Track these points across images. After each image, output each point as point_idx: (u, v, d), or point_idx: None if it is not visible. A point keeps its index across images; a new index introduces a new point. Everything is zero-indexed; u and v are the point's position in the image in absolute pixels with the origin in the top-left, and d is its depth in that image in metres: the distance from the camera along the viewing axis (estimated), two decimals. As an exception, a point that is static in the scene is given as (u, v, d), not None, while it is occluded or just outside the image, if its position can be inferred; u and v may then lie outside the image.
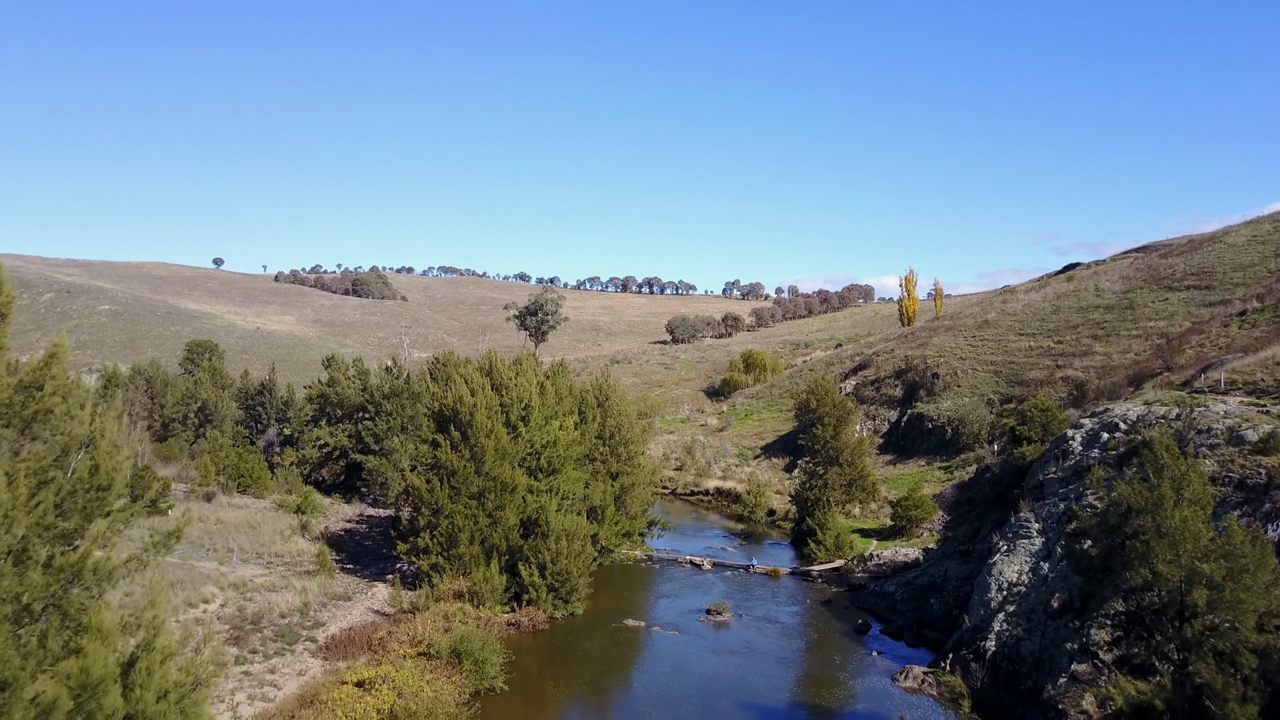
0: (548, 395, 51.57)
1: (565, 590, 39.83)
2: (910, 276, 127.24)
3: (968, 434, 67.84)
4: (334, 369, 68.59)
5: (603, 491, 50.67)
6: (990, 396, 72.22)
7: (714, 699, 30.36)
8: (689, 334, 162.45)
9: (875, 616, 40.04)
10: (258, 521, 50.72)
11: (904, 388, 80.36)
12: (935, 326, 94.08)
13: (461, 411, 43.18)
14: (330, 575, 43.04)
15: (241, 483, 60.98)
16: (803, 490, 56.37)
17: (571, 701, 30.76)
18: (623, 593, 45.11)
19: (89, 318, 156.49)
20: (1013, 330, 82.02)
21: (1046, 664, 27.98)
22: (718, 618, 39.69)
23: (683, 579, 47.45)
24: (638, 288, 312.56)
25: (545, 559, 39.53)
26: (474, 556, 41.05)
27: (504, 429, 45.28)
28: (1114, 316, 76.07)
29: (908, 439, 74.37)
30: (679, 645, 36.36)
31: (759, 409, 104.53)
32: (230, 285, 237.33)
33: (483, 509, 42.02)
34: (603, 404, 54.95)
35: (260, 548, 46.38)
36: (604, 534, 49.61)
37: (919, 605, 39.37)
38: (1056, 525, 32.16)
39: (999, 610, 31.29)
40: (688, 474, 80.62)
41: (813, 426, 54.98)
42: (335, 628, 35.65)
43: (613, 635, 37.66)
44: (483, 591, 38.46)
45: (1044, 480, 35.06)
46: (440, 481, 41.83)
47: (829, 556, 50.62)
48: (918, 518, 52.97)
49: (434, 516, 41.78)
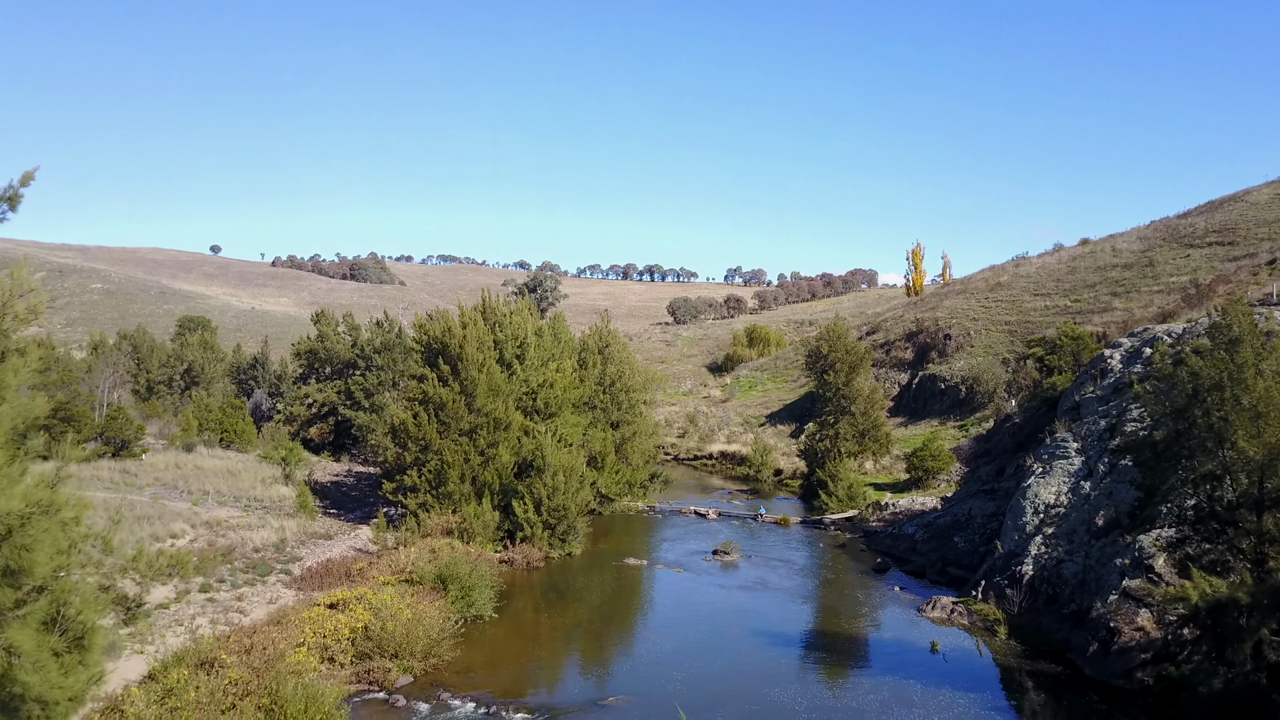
0: (545, 338, 48.88)
1: (562, 529, 37.15)
2: (918, 250, 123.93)
3: (983, 392, 65.17)
4: (323, 323, 65.87)
5: (603, 439, 48.02)
6: (1005, 355, 69.56)
7: (723, 626, 27.72)
8: (691, 315, 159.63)
9: (893, 559, 37.32)
10: (238, 469, 48.09)
11: (915, 350, 77.64)
12: (946, 291, 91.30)
13: (451, 343, 40.51)
14: (312, 516, 40.39)
15: (225, 438, 58.35)
16: (812, 442, 53.66)
17: (569, 629, 28.07)
18: (623, 538, 42.44)
19: (80, 296, 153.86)
20: (1027, 291, 79.22)
21: (1093, 583, 25.28)
22: (725, 557, 37.01)
23: (687, 526, 44.78)
24: (638, 275, 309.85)
25: (541, 494, 36.82)
26: (464, 495, 38.38)
27: (497, 366, 42.64)
28: (1133, 274, 73.26)
29: (919, 401, 71.68)
30: (684, 581, 33.69)
31: (763, 380, 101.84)
32: (226, 269, 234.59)
33: (474, 446, 39.35)
34: (603, 351, 52.27)
35: (239, 492, 43.70)
36: (604, 482, 46.95)
37: (941, 544, 36.67)
38: (1097, 443, 29.45)
39: (1035, 534, 28.59)
40: (690, 440, 77.88)
41: (824, 374, 52.22)
42: (313, 561, 33.00)
43: (613, 573, 34.99)
44: (474, 527, 35.77)
45: (1081, 401, 32.33)
46: (429, 416, 39.17)
47: (841, 507, 47.93)
48: (934, 468, 50.27)
49: (421, 453, 39.12)
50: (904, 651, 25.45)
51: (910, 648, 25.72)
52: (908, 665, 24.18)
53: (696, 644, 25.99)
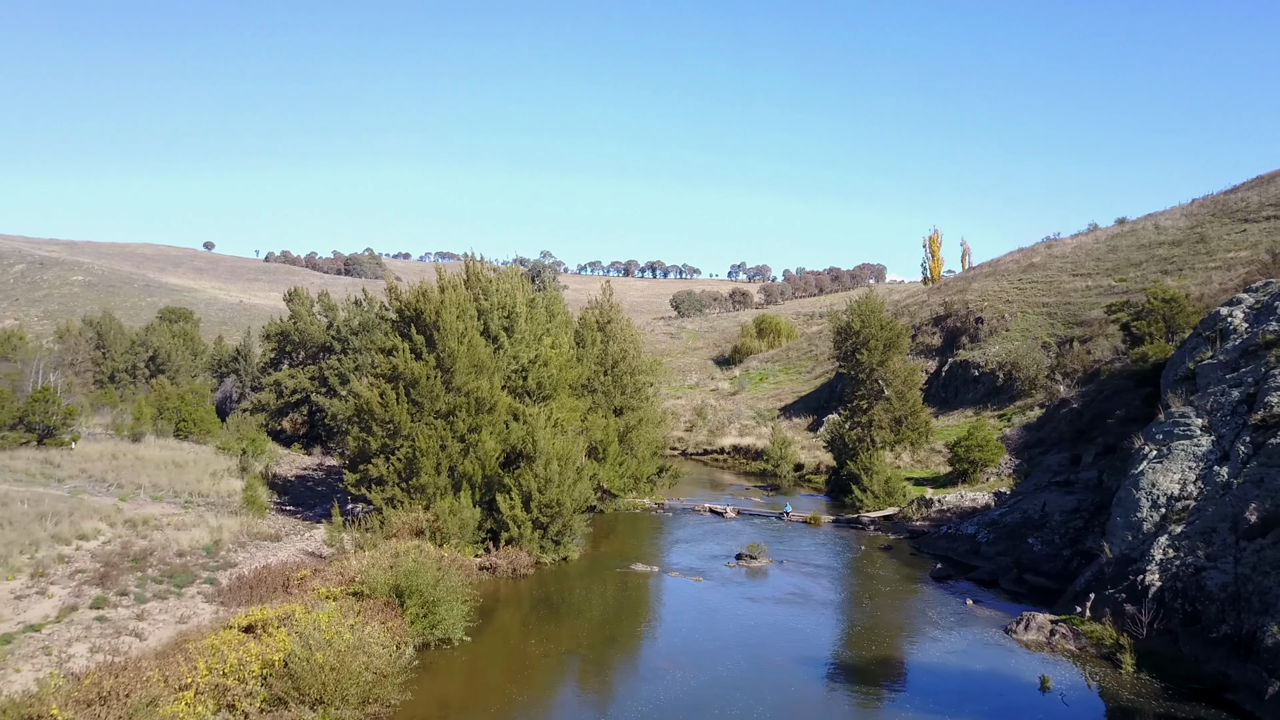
0: (538, 311, 42.72)
1: (556, 529, 30.98)
2: (935, 236, 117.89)
3: (1022, 379, 58.94)
4: (296, 302, 59.67)
5: (604, 426, 41.81)
6: (1045, 339, 63.38)
7: (760, 651, 21.54)
8: (695, 308, 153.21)
9: (952, 564, 31.13)
10: (187, 461, 41.91)
11: (943, 335, 71.37)
12: (974, 274, 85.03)
13: (426, 310, 34.40)
14: (261, 514, 34.24)
15: (183, 428, 52.21)
16: (840, 431, 47.47)
17: (562, 657, 21.85)
18: (628, 540, 36.26)
19: (60, 288, 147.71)
20: (1064, 271, 72.95)
21: (1253, 599, 19.09)
22: (752, 562, 30.81)
23: (702, 526, 38.59)
24: (640, 272, 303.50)
25: (531, 487, 30.64)
26: (440, 489, 32.27)
27: (481, 338, 36.53)
28: (1183, 251, 67.01)
29: (950, 389, 65.38)
30: (705, 592, 27.48)
31: (775, 372, 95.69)
32: (217, 264, 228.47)
33: (452, 431, 33.22)
34: (604, 327, 46.10)
35: (183, 487, 37.55)
36: (605, 475, 40.78)
37: (1012, 547, 30.47)
38: (1230, 418, 23.26)
39: (1158, 533, 22.40)
40: (699, 434, 71.66)
41: (855, 354, 46.02)
42: (249, 568, 26.82)
43: (618, 582, 28.78)
44: (448, 527, 29.60)
45: (1197, 368, 26.12)
46: (399, 395, 33.04)
47: (878, 504, 41.77)
48: (981, 460, 44.07)
49: (390, 439, 33.00)
50: (1005, 688, 19.28)
51: (1012, 683, 19.55)
52: (1016, 711, 18.03)
53: (730, 679, 19.82)
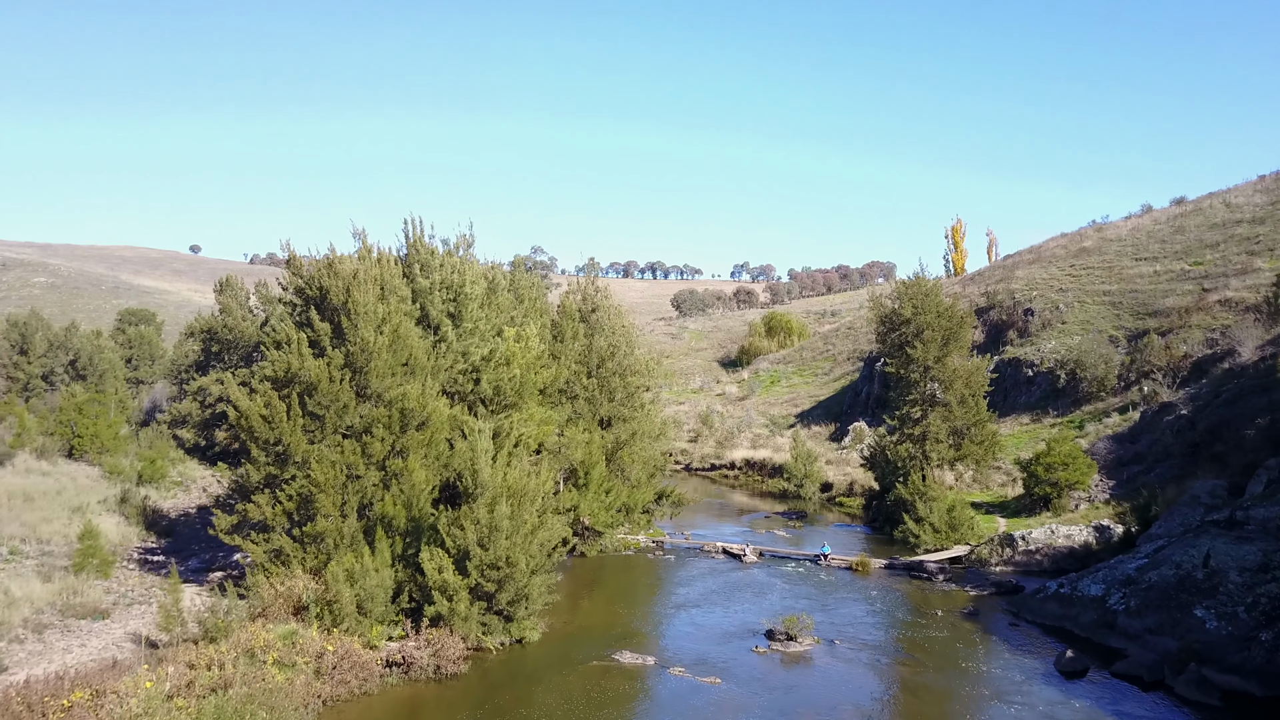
0: (499, 295, 33.25)
1: (506, 597, 21.42)
2: (958, 226, 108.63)
3: (1089, 379, 49.52)
4: (226, 293, 50.26)
5: (586, 443, 32.33)
6: (1111, 333, 53.94)
7: None
8: (698, 308, 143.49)
9: (1076, 642, 21.60)
10: (44, 491, 32.52)
11: (986, 330, 61.82)
12: (1014, 261, 75.48)
13: (333, 289, 24.98)
14: (104, 573, 24.82)
15: (78, 445, 42.81)
16: (884, 446, 38.00)
17: None
18: (616, 601, 26.71)
19: (20, 290, 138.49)
20: (1125, 255, 63.46)
21: None
22: (790, 645, 21.24)
23: (715, 575, 29.04)
24: (640, 273, 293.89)
25: (468, 540, 21.11)
26: (345, 538, 22.85)
27: (415, 328, 27.14)
28: (1268, 229, 57.56)
29: (999, 392, 55.60)
30: (723, 703, 17.91)
31: (788, 374, 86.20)
32: (198, 266, 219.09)
33: (366, 456, 23.79)
34: (588, 317, 36.68)
35: (18, 529, 28.12)
36: (587, 507, 31.29)
37: (1172, 621, 20.91)
38: None
39: None
40: (705, 445, 62.25)
41: (905, 347, 36.46)
42: (14, 678, 17.33)
43: (595, 685, 19.15)
44: (343, 599, 20.08)
45: None
46: (290, 406, 23.65)
47: (940, 540, 32.30)
48: (1066, 481, 34.60)
49: (277, 465, 23.59)
50: None
51: None
52: None
53: None
